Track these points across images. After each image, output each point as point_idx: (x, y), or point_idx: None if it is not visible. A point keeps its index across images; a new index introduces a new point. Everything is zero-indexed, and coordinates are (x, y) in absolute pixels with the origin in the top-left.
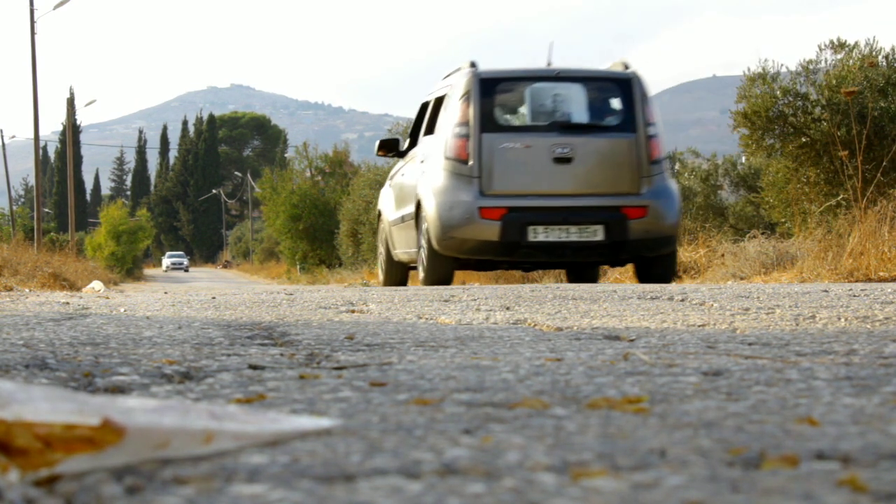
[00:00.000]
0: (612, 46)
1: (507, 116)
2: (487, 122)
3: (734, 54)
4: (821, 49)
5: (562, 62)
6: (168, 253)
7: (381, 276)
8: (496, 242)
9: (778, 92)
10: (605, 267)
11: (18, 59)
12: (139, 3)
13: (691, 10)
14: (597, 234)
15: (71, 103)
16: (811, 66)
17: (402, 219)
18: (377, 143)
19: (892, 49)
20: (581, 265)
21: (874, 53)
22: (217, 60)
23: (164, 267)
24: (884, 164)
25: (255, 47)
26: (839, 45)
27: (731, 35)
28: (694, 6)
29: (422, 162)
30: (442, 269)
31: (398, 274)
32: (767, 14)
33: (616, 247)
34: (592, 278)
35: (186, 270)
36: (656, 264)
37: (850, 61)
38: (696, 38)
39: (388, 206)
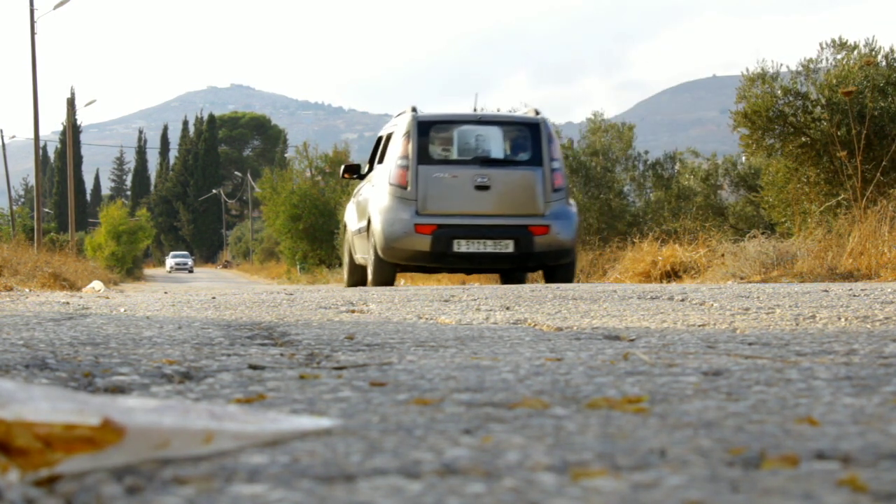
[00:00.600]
0: (612, 46)
1: (439, 151)
2: (423, 156)
3: (734, 54)
4: (821, 49)
5: (493, 105)
6: (172, 253)
7: (345, 278)
8: (428, 252)
9: (778, 92)
10: (603, 268)
11: (18, 59)
12: (139, 3)
13: (691, 10)
14: (508, 247)
15: (71, 103)
16: (811, 66)
17: (360, 230)
18: (342, 167)
19: (892, 49)
20: (506, 271)
21: (874, 53)
22: (217, 60)
23: (167, 267)
24: (883, 163)
25: (255, 47)
26: (839, 45)
27: (731, 35)
28: (694, 6)
29: (373, 185)
30: (386, 272)
31: (358, 275)
32: (767, 14)
33: (524, 257)
34: (521, 280)
35: (191, 271)
36: (558, 270)
37: (851, 61)
38: (696, 38)
39: (351, 218)
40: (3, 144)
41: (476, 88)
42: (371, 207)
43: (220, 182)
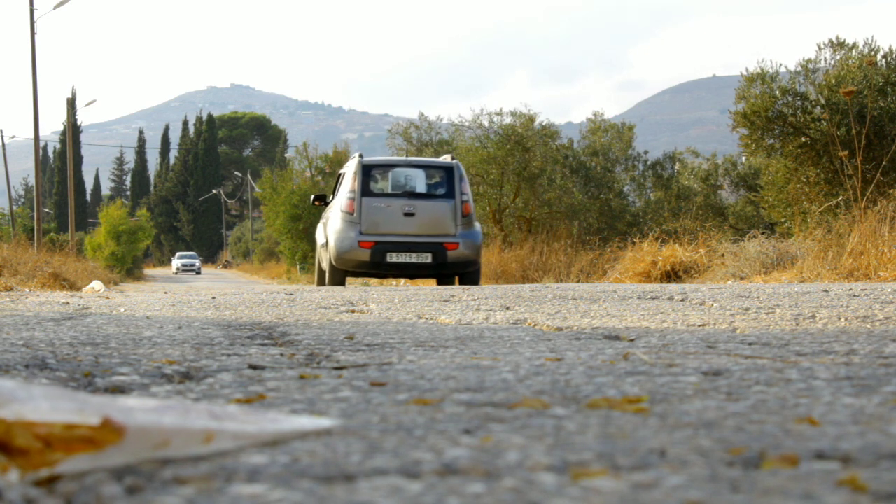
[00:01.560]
0: (612, 46)
1: (378, 187)
2: (366, 190)
3: (734, 54)
4: (820, 48)
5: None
6: (178, 253)
7: (315, 279)
8: (368, 262)
9: (777, 92)
10: (603, 268)
11: (18, 59)
12: (139, 3)
13: (691, 10)
14: (428, 258)
15: (71, 103)
16: (810, 66)
17: (322, 245)
18: (312, 196)
19: (891, 49)
20: (426, 276)
21: (873, 53)
22: (217, 60)
23: (173, 269)
24: (883, 163)
25: (255, 47)
26: (838, 45)
27: (731, 35)
28: (694, 6)
29: (331, 211)
30: (338, 277)
31: (322, 279)
32: (767, 14)
33: (440, 266)
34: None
35: (199, 272)
36: (467, 275)
37: (850, 61)
38: (696, 38)
39: (319, 236)
40: (3, 144)
41: (476, 88)
42: (328, 228)
43: (220, 182)
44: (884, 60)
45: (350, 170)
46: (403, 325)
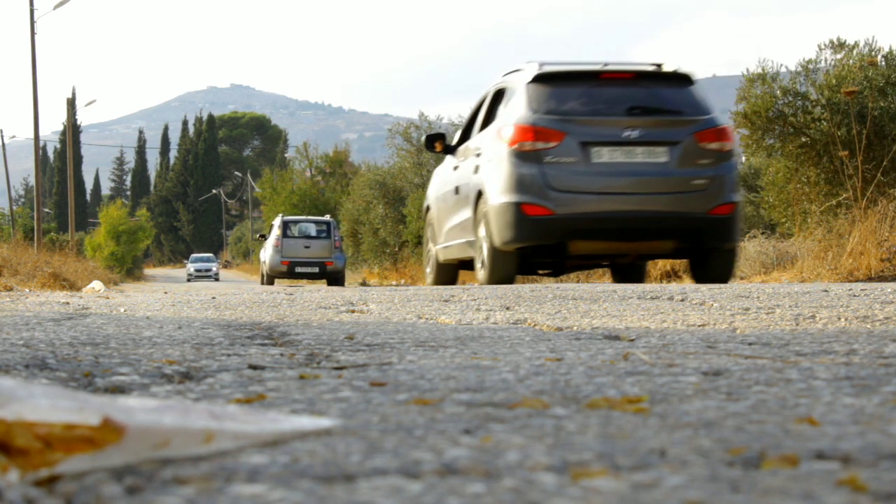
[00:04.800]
0: (612, 46)
1: (291, 232)
2: (285, 234)
3: (734, 54)
4: (820, 49)
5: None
6: (192, 256)
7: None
8: (286, 271)
9: (778, 92)
10: (601, 270)
11: (18, 59)
12: (139, 3)
13: (692, 10)
14: (316, 269)
15: (71, 103)
16: (811, 66)
17: (264, 262)
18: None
19: (892, 49)
20: (317, 279)
21: (873, 53)
22: (217, 60)
23: (186, 275)
24: (884, 163)
25: (255, 47)
26: (839, 45)
27: (731, 35)
28: (695, 6)
29: (267, 244)
30: (269, 281)
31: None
32: (768, 14)
33: (322, 275)
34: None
35: (217, 279)
36: (337, 282)
37: (850, 61)
38: (697, 38)
39: (262, 255)
40: (3, 144)
41: (476, 88)
42: (263, 254)
43: (220, 182)
44: (884, 61)
45: (277, 222)
46: (403, 324)
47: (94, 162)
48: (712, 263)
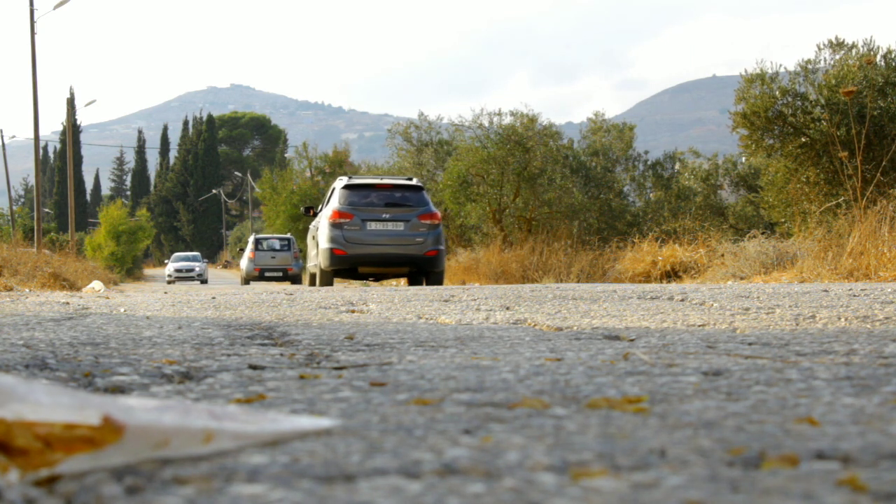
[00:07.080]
0: (612, 46)
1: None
2: (257, 247)
3: (734, 54)
4: (819, 49)
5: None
6: (174, 255)
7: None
8: (253, 276)
9: (777, 92)
10: (603, 268)
11: (18, 59)
12: (139, 3)
13: (692, 10)
14: (280, 274)
15: (71, 103)
16: (810, 66)
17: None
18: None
19: (890, 49)
20: (281, 281)
21: (872, 53)
22: (217, 60)
23: (166, 275)
24: (883, 163)
25: (255, 47)
26: (838, 45)
27: (731, 35)
28: (694, 6)
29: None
30: (247, 282)
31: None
32: (767, 14)
33: (285, 278)
34: (297, 281)
35: (204, 281)
36: (294, 281)
37: (849, 61)
38: (697, 38)
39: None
40: (3, 144)
41: (476, 88)
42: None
43: (220, 182)
44: (883, 60)
45: (251, 238)
46: (403, 325)
47: (94, 162)
48: (429, 279)
